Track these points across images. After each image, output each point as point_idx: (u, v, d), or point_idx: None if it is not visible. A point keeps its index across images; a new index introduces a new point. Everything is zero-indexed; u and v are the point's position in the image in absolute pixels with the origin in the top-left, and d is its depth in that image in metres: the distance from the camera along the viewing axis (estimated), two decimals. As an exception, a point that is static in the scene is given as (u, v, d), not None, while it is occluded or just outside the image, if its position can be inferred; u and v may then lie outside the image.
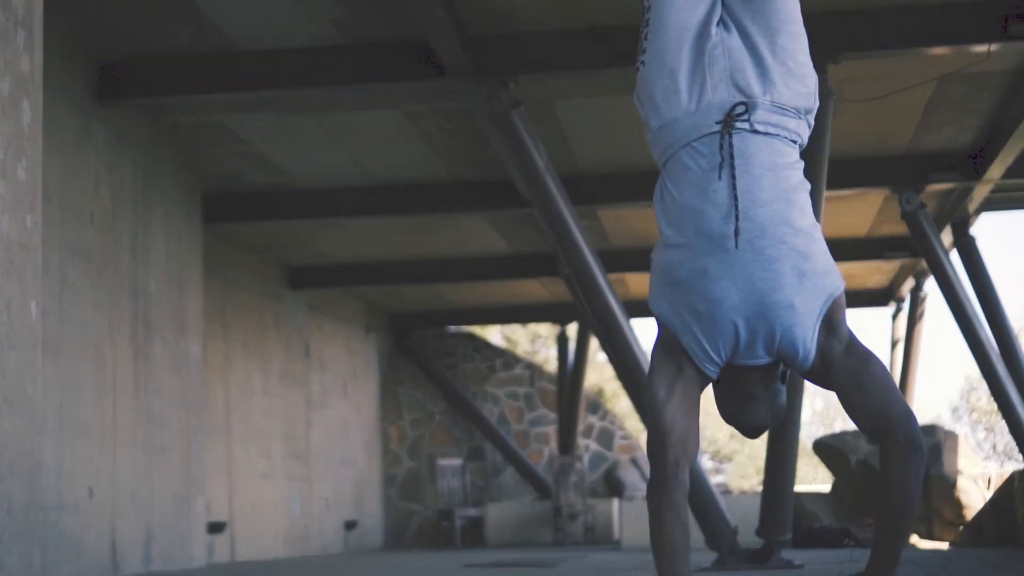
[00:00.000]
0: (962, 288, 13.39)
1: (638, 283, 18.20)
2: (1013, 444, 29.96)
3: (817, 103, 3.65)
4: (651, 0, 3.62)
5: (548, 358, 27.57)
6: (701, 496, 10.01)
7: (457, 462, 19.98)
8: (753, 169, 3.40)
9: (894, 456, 3.40)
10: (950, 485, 15.56)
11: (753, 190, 3.38)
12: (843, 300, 3.47)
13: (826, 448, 17.13)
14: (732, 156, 3.39)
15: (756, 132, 3.44)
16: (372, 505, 19.92)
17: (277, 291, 16.69)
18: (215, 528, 13.68)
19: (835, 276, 3.48)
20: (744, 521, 11.93)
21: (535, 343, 29.36)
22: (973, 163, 12.85)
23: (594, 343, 21.82)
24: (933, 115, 11.81)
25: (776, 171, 3.42)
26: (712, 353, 3.44)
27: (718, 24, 3.57)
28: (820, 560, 10.74)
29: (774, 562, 9.70)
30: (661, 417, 3.41)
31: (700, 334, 3.43)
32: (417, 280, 17.56)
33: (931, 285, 18.51)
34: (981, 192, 13.64)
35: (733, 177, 3.38)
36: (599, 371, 29.19)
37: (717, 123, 3.44)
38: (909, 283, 18.85)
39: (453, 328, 21.82)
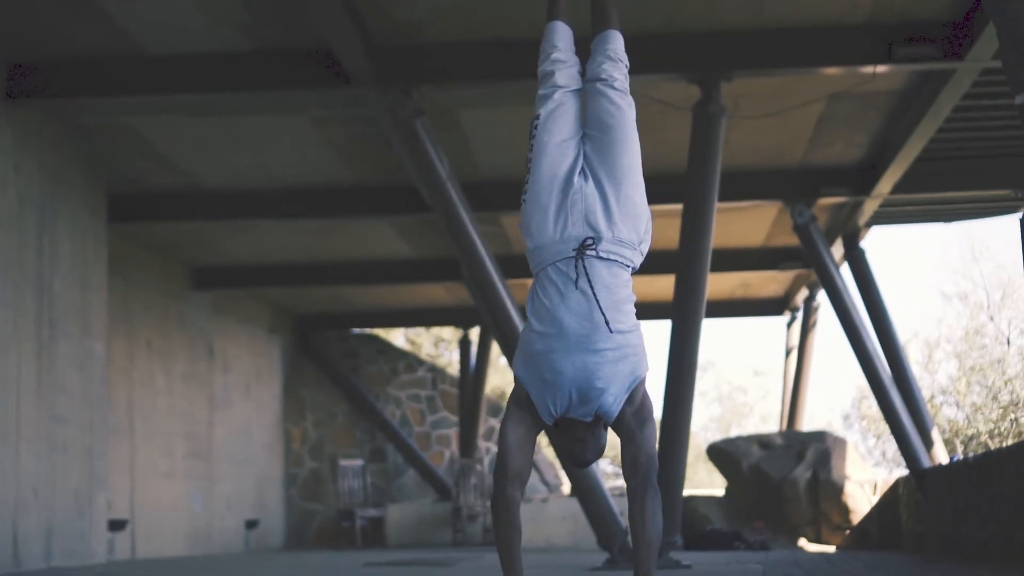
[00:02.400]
0: (851, 299, 13.80)
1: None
2: (900, 452, 30.50)
3: (649, 235, 4.72)
4: (533, 149, 4.75)
5: (450, 361, 27.78)
6: (594, 499, 10.28)
7: (358, 463, 20.15)
8: (597, 285, 4.54)
9: (634, 496, 4.50)
10: (838, 490, 16.00)
11: (592, 300, 4.53)
12: (645, 380, 4.61)
13: (720, 453, 17.52)
14: (581, 276, 4.54)
15: (600, 258, 4.58)
16: (273, 505, 20.04)
17: (181, 291, 16.78)
18: (116, 526, 13.76)
19: (643, 364, 4.59)
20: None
21: (438, 346, 29.55)
22: (863, 178, 13.28)
23: (496, 347, 22.07)
24: (824, 132, 12.20)
25: (611, 288, 4.55)
26: (552, 409, 4.59)
27: (580, 173, 4.68)
28: (710, 561, 11.05)
29: (663, 562, 9.96)
30: (506, 454, 4.60)
31: (545, 395, 4.58)
32: (321, 282, 17.73)
33: (824, 295, 18.97)
34: (871, 206, 14.08)
35: (592, 289, 4.52)
36: (501, 375, 29.46)
37: (574, 250, 4.59)
38: (803, 293, 19.31)
39: (356, 330, 21.98)
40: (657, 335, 40.80)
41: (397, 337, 27.50)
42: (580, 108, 4.84)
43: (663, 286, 19.07)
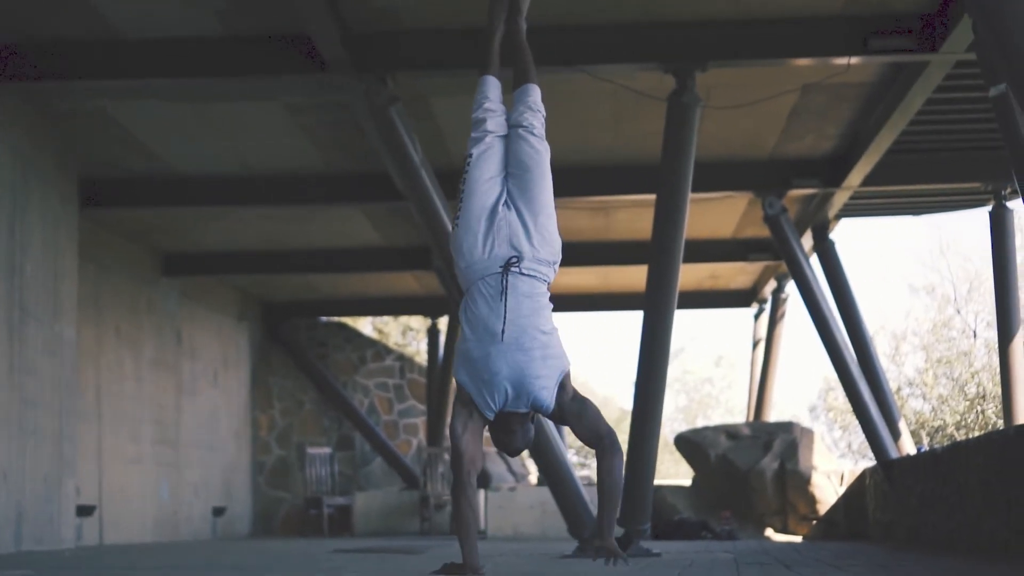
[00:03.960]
0: (820, 291, 13.87)
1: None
2: (867, 443, 30.74)
3: (559, 257, 5.66)
4: (465, 183, 5.67)
5: (418, 350, 27.76)
6: (565, 488, 10.31)
7: (326, 451, 20.13)
8: (519, 296, 5.47)
9: (603, 456, 5.42)
10: (805, 480, 16.08)
11: (517, 308, 5.45)
12: (569, 372, 5.49)
13: (687, 443, 17.58)
14: (507, 288, 5.45)
15: (522, 274, 5.51)
16: (240, 492, 20.00)
17: (151, 277, 16.73)
18: (84, 511, 13.72)
19: (565, 359, 5.50)
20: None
21: (406, 335, 29.53)
22: (833, 170, 13.34)
23: (465, 336, 22.04)
24: (796, 123, 12.26)
25: (532, 298, 5.49)
26: (491, 404, 5.42)
27: (504, 204, 5.63)
28: (678, 550, 11.10)
29: (633, 550, 10.00)
30: (459, 445, 5.45)
31: (485, 393, 5.42)
32: (291, 270, 17.71)
33: (792, 287, 19.06)
34: (841, 198, 14.15)
35: (517, 300, 5.44)
36: (469, 364, 29.40)
37: (500, 268, 5.50)
38: (771, 285, 19.38)
39: (324, 318, 21.95)
40: (626, 326, 40.81)
41: (365, 326, 27.48)
42: (505, 150, 5.77)
43: (632, 277, 19.19)
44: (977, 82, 10.92)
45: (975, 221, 66.74)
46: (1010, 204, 13.77)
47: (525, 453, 20.88)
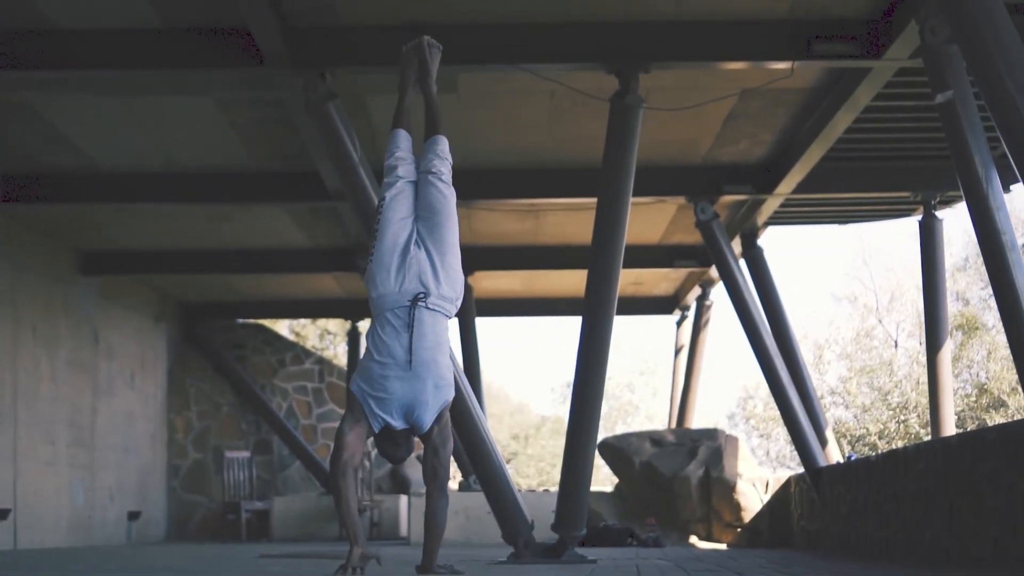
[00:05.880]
0: (751, 297, 13.83)
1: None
2: (785, 452, 31.04)
3: (462, 294, 6.40)
4: (379, 223, 6.37)
5: (336, 354, 27.50)
6: (502, 494, 10.16)
7: (245, 454, 19.83)
8: (424, 329, 6.20)
9: (433, 496, 6.33)
10: (730, 488, 16.06)
11: (421, 340, 6.18)
12: (449, 404, 6.30)
13: (610, 449, 17.48)
14: (413, 320, 6.17)
15: (428, 308, 6.24)
16: (155, 496, 19.65)
17: (68, 276, 16.39)
18: (-1, 515, 13.39)
19: (451, 392, 6.28)
20: (535, 518, 12.12)
21: (324, 339, 29.25)
22: (766, 176, 13.31)
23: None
24: (731, 128, 12.20)
25: (435, 332, 6.24)
26: (381, 419, 6.19)
27: (415, 243, 6.34)
28: (611, 557, 11.01)
29: (568, 557, 9.91)
30: (342, 440, 6.20)
31: (377, 409, 6.18)
32: (212, 270, 17.42)
33: (715, 294, 19.07)
34: (771, 205, 14.13)
35: (421, 332, 6.17)
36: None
37: (408, 301, 6.21)
38: (695, 292, 19.36)
39: (243, 320, 21.63)
40: (544, 331, 40.77)
41: (282, 329, 27.19)
42: (415, 194, 6.49)
43: (557, 281, 19.11)
44: (915, 91, 10.95)
45: (897, 231, 67.54)
46: (939, 214, 13.81)
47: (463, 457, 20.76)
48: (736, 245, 15.17)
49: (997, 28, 7.02)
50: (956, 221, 53.83)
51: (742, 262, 15.06)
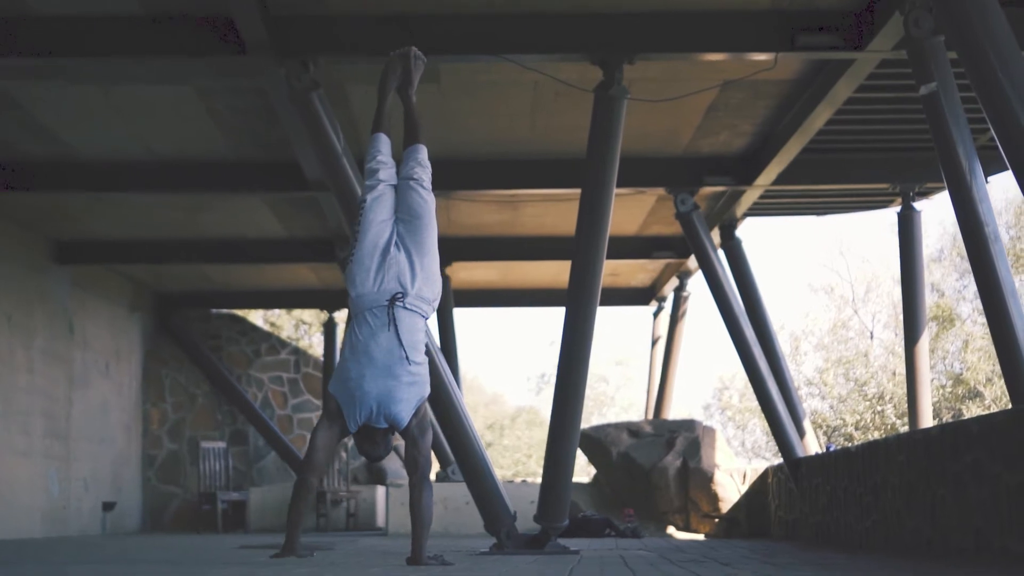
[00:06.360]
0: (731, 288, 13.84)
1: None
2: (760, 442, 31.14)
3: (439, 295, 6.66)
4: (360, 224, 6.56)
5: (311, 344, 27.44)
6: (484, 484, 10.14)
7: (221, 445, 19.76)
8: (401, 328, 6.36)
9: (416, 487, 6.45)
10: (708, 478, 16.08)
11: (398, 339, 6.33)
12: (427, 401, 6.50)
13: (588, 440, 17.48)
14: (391, 320, 6.36)
15: (406, 308, 6.44)
16: (130, 487, 19.57)
17: (43, 265, 16.30)
18: (-26, 505, 13.31)
19: (427, 388, 6.48)
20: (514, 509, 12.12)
21: (299, 329, 29.18)
22: (746, 168, 13.33)
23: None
24: (712, 119, 12.21)
25: (411, 331, 6.42)
26: (358, 419, 6.38)
27: (395, 245, 6.53)
28: (592, 548, 11.00)
29: (550, 547, 9.89)
30: (314, 452, 6.49)
31: (354, 408, 6.35)
32: (189, 259, 17.35)
33: (692, 285, 19.08)
34: (751, 197, 14.14)
35: (398, 331, 6.36)
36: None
37: (387, 301, 6.40)
38: (672, 283, 19.37)
39: (219, 310, 21.54)
40: (519, 323, 40.75)
41: (256, 319, 27.10)
42: (395, 198, 6.70)
43: (534, 272, 19.10)
44: (897, 82, 10.97)
45: (873, 223, 67.79)
46: (917, 205, 13.85)
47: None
48: (715, 236, 15.19)
49: (987, 18, 7.02)
50: (931, 212, 54.10)
51: (721, 253, 15.09)
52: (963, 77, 8.94)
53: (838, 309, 26.37)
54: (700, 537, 15.60)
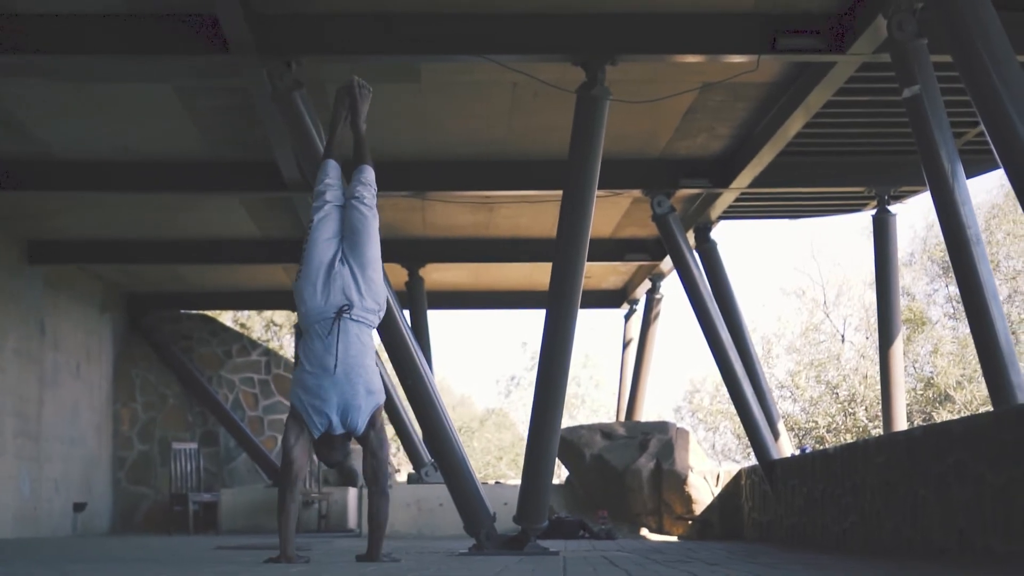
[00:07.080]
0: (706, 290, 13.87)
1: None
2: (731, 445, 31.20)
3: (385, 306, 7.16)
4: (307, 242, 7.06)
5: (282, 345, 27.36)
6: (464, 486, 10.14)
7: (192, 446, 19.66)
8: (349, 338, 6.88)
9: (374, 497, 7.03)
10: (681, 480, 16.10)
11: (347, 349, 6.86)
12: (382, 408, 7.01)
13: (562, 442, 17.41)
14: (339, 331, 6.83)
15: (353, 320, 6.93)
16: (100, 487, 19.46)
17: (15, 265, 16.21)
18: (-53, 505, 13.22)
19: (382, 394, 6.98)
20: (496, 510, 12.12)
21: (269, 330, 29.10)
22: (723, 170, 13.36)
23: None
24: (690, 121, 12.23)
25: (360, 340, 6.92)
26: (319, 426, 6.88)
27: (340, 260, 7.03)
28: (570, 549, 11.01)
29: (530, 548, 9.90)
30: (290, 454, 6.89)
31: (315, 416, 6.85)
32: (159, 260, 17.26)
33: (665, 288, 19.10)
34: (726, 199, 14.17)
35: (348, 341, 6.84)
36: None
37: (334, 313, 6.88)
38: (644, 285, 19.38)
39: (189, 311, 21.44)
40: (488, 325, 40.73)
41: (226, 320, 27.00)
42: (341, 217, 7.22)
43: (504, 274, 19.09)
44: (876, 85, 11.02)
45: (845, 227, 68.09)
46: (892, 208, 13.92)
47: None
48: (689, 238, 15.22)
49: (982, 20, 7.07)
50: (902, 216, 54.36)
51: (696, 255, 15.11)
52: (945, 81, 9.03)
53: (810, 312, 26.50)
54: (673, 539, 15.62)
